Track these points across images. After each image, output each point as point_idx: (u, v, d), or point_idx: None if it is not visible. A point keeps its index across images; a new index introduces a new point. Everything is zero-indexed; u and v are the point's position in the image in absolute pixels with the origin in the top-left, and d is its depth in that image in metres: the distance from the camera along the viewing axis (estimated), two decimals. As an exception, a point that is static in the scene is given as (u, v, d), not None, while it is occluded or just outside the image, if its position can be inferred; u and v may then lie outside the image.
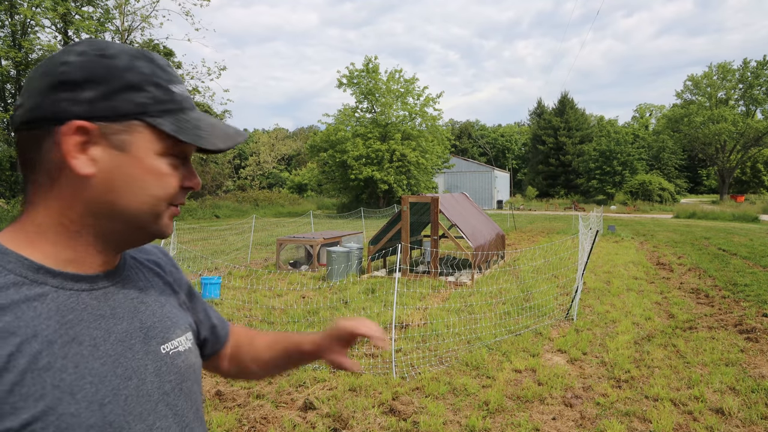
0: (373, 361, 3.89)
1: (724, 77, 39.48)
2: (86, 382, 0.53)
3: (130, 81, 0.56)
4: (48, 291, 0.54)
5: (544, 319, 5.04)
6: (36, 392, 0.49)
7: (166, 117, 0.58)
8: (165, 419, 0.61)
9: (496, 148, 62.57)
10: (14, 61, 17.29)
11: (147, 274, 0.69)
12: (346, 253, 7.39)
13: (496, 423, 2.90)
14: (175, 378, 0.64)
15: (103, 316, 0.58)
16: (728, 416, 2.96)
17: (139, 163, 0.57)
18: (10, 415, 0.47)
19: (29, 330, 0.50)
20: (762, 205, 26.97)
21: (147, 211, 0.58)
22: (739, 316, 5.17)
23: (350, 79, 25.67)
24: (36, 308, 0.52)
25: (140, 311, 0.63)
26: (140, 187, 0.57)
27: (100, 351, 0.56)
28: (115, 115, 0.56)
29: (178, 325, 0.68)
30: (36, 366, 0.50)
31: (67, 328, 0.53)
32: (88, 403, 0.52)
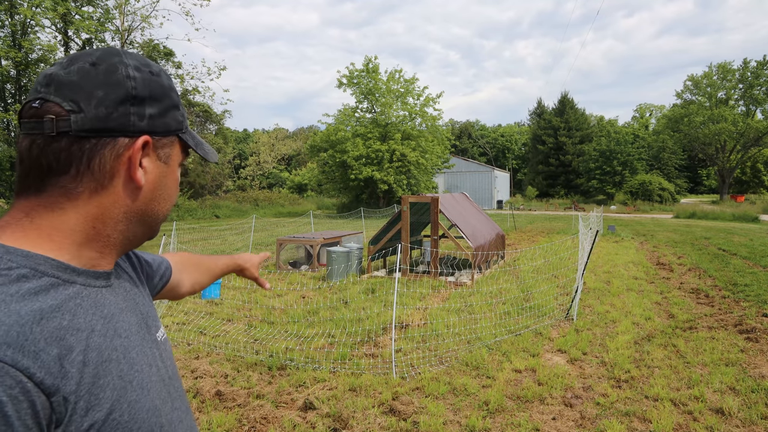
0: (373, 361, 3.89)
1: (724, 77, 39.48)
2: (135, 371, 0.57)
3: (175, 100, 0.63)
4: (80, 289, 0.55)
5: (544, 319, 5.04)
6: (109, 383, 0.52)
7: (188, 134, 0.65)
8: (176, 400, 0.66)
9: (496, 148, 62.57)
10: (14, 61, 17.29)
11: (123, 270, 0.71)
12: (346, 253, 7.39)
13: (496, 423, 2.90)
14: (170, 362, 0.69)
15: (123, 309, 0.61)
16: (728, 416, 2.96)
17: (173, 174, 0.64)
18: (96, 406, 0.50)
19: (88, 326, 0.53)
20: (762, 205, 26.97)
21: (165, 216, 0.65)
22: (739, 316, 5.17)
23: (350, 79, 25.67)
24: (81, 305, 0.54)
25: (138, 303, 0.67)
26: (170, 195, 0.64)
27: (132, 342, 0.60)
28: (167, 131, 0.61)
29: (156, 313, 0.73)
30: (102, 358, 0.53)
31: (108, 322, 0.56)
32: (141, 389, 0.57)
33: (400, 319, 4.99)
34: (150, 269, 0.83)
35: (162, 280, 0.87)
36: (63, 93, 0.53)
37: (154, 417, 0.57)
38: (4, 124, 18.28)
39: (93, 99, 0.54)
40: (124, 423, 0.52)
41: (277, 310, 5.46)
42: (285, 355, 3.96)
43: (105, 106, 0.54)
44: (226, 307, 5.58)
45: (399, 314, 5.11)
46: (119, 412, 0.52)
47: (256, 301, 5.87)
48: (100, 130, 0.54)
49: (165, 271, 0.88)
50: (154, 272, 0.84)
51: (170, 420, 0.62)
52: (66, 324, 0.50)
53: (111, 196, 0.57)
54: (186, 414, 0.68)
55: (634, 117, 62.33)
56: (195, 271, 1.02)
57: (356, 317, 5.08)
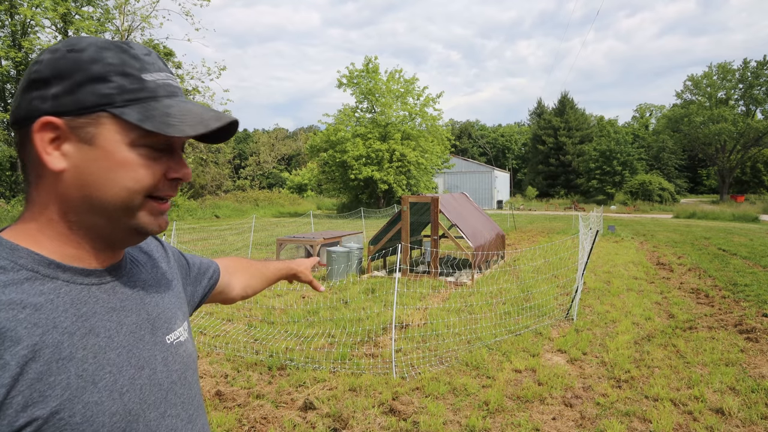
0: (373, 361, 3.89)
1: (724, 77, 39.47)
2: (106, 372, 0.55)
3: (94, 72, 0.55)
4: (60, 285, 0.55)
5: (544, 319, 5.04)
6: (62, 381, 0.51)
7: (132, 106, 0.56)
8: (174, 407, 0.63)
9: (496, 148, 62.56)
10: (14, 61, 17.30)
11: (145, 267, 0.70)
12: (346, 253, 7.39)
13: (496, 423, 2.90)
14: (180, 368, 0.66)
15: (114, 308, 0.60)
16: (728, 416, 2.96)
17: (109, 156, 0.55)
18: (39, 402, 0.49)
19: (49, 322, 0.52)
20: (762, 205, 26.97)
21: (121, 205, 0.57)
22: (739, 316, 5.17)
23: (350, 79, 25.67)
24: (53, 301, 0.53)
25: (146, 303, 0.65)
26: (111, 179, 0.56)
27: (115, 342, 0.57)
28: (80, 108, 0.55)
29: (177, 316, 0.70)
30: (59, 356, 0.51)
31: (83, 321, 0.55)
32: (109, 391, 0.54)
33: (400, 319, 4.99)
34: (198, 271, 0.84)
35: (210, 282, 0.88)
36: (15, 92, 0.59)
37: (124, 422, 0.54)
38: (4, 124, 18.28)
39: (15, 94, 0.57)
40: (74, 424, 0.50)
41: (277, 310, 5.46)
42: (285, 355, 3.96)
43: (16, 98, 0.56)
44: (226, 307, 5.58)
45: (399, 314, 5.11)
46: (69, 412, 0.50)
47: (256, 301, 5.87)
48: (15, 122, 0.56)
49: (213, 273, 0.89)
50: (201, 274, 0.85)
51: (156, 427, 0.59)
52: (22, 317, 0.50)
53: (46, 185, 0.56)
54: (187, 424, 0.65)
55: (634, 117, 62.30)
56: (246, 275, 1.01)
57: (356, 317, 5.08)
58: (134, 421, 0.56)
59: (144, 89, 0.57)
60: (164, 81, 0.59)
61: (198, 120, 0.57)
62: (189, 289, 0.82)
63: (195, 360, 0.72)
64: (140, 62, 0.58)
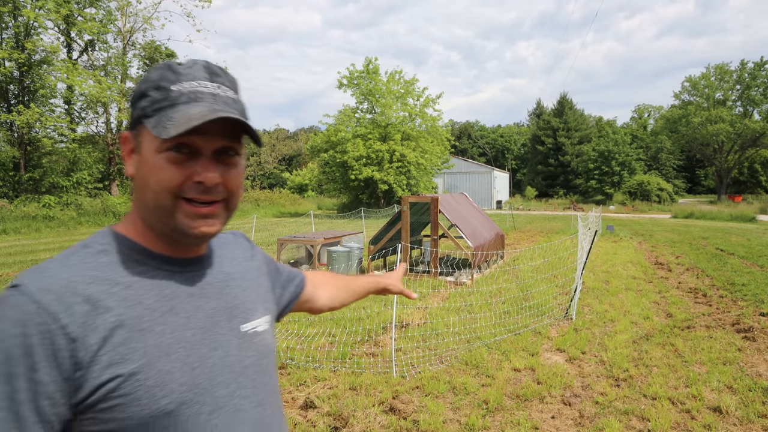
0: (374, 360, 3.91)
1: (722, 78, 39.56)
2: (180, 346, 0.63)
3: (139, 90, 0.65)
4: (149, 269, 0.65)
5: (543, 319, 5.06)
6: (141, 348, 0.59)
7: (155, 116, 0.61)
8: (245, 389, 0.69)
9: (496, 148, 62.60)
10: (17, 62, 17.29)
11: (231, 262, 0.78)
12: (346, 253, 7.42)
13: (495, 421, 2.92)
14: (254, 354, 0.72)
15: (194, 294, 0.67)
16: (726, 414, 2.98)
17: (145, 161, 0.63)
18: (121, 363, 0.58)
19: (136, 298, 0.62)
20: (759, 205, 27.04)
21: (155, 206, 0.63)
22: (736, 315, 5.20)
23: (350, 80, 25.68)
24: (140, 281, 0.63)
25: (225, 293, 0.72)
26: (147, 183, 0.63)
27: (192, 323, 0.65)
28: (133, 123, 0.65)
29: (257, 308, 0.77)
30: (140, 327, 0.60)
31: (165, 300, 0.64)
32: (181, 364, 0.62)
33: (400, 318, 5.01)
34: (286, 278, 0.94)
35: (296, 289, 0.96)
36: None
37: (191, 393, 0.62)
38: (7, 125, 18.26)
39: None
40: (148, 386, 0.58)
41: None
42: (285, 353, 3.98)
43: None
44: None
45: (399, 313, 5.13)
46: (144, 375, 0.58)
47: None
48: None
49: (299, 282, 0.97)
50: (289, 281, 0.95)
51: (223, 404, 0.65)
52: (114, 291, 0.60)
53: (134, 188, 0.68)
54: (256, 407, 0.69)
55: (633, 118, 62.40)
56: (331, 288, 1.07)
57: (356, 316, 5.10)
58: (201, 393, 0.63)
59: (167, 99, 0.62)
60: (191, 89, 0.62)
61: (184, 120, 0.59)
62: (278, 291, 0.90)
63: (272, 351, 0.78)
64: (177, 75, 0.63)
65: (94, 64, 20.72)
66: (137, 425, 0.58)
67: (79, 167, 19.20)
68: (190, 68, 0.64)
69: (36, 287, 0.56)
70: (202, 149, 0.63)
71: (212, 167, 0.63)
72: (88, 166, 19.56)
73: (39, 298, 0.55)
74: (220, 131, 0.63)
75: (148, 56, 21.96)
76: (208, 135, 0.62)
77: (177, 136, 0.59)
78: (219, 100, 0.63)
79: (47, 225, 15.58)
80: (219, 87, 0.65)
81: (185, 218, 0.63)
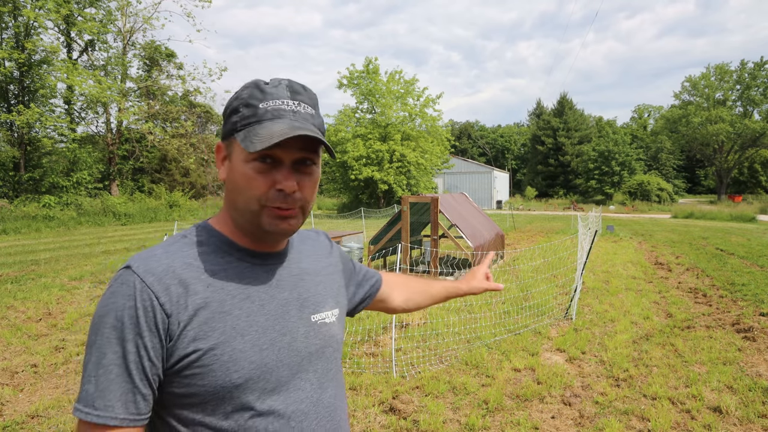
0: (374, 360, 3.91)
1: (722, 78, 39.57)
2: (253, 329, 0.72)
3: (232, 106, 0.74)
4: (233, 260, 0.75)
5: (543, 319, 5.06)
6: (220, 327, 0.69)
7: (244, 130, 0.72)
8: (307, 373, 0.77)
9: (496, 148, 62.61)
10: (17, 62, 17.29)
11: (309, 258, 0.86)
12: (346, 253, 7.41)
13: (495, 421, 2.93)
14: (320, 342, 0.80)
15: (270, 285, 0.77)
16: (726, 414, 2.98)
17: (236, 170, 0.73)
18: (203, 339, 0.68)
19: (220, 284, 0.71)
20: (759, 205, 27.05)
21: (245, 208, 0.73)
22: (736, 315, 5.20)
23: (350, 80, 25.68)
24: (225, 270, 0.73)
25: (299, 285, 0.81)
26: (238, 188, 0.73)
27: (266, 310, 0.74)
28: (226, 134, 0.75)
29: (327, 301, 0.85)
30: (221, 309, 0.70)
31: (244, 288, 0.74)
32: (252, 345, 0.71)
33: (400, 318, 5.01)
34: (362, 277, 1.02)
35: (372, 289, 1.04)
36: None
37: (258, 371, 0.70)
38: (7, 125, 18.26)
39: None
40: (223, 361, 0.68)
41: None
42: (286, 354, 3.97)
43: None
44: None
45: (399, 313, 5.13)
46: (221, 350, 0.68)
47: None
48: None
49: (375, 282, 1.05)
50: (366, 281, 1.03)
51: (285, 384, 0.73)
52: (203, 277, 0.70)
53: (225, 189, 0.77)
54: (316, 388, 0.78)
55: (633, 118, 62.42)
56: (407, 291, 1.13)
57: (356, 316, 5.11)
58: (268, 372, 0.72)
59: (254, 115, 0.72)
60: (275, 107, 0.72)
61: (267, 137, 0.69)
62: (351, 289, 0.99)
63: (338, 341, 0.85)
64: (264, 94, 0.73)
65: (94, 64, 20.72)
66: (211, 392, 0.67)
67: (79, 167, 19.21)
68: (275, 87, 0.74)
69: (143, 269, 0.67)
70: (284, 160, 0.72)
71: (291, 176, 0.72)
72: (88, 166, 19.57)
73: (144, 278, 0.67)
74: (299, 144, 0.72)
75: (148, 56, 21.96)
76: (288, 148, 0.71)
77: (261, 150, 0.69)
78: (299, 117, 0.73)
79: (47, 225, 15.58)
80: (299, 104, 0.74)
81: (268, 219, 0.73)
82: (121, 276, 0.68)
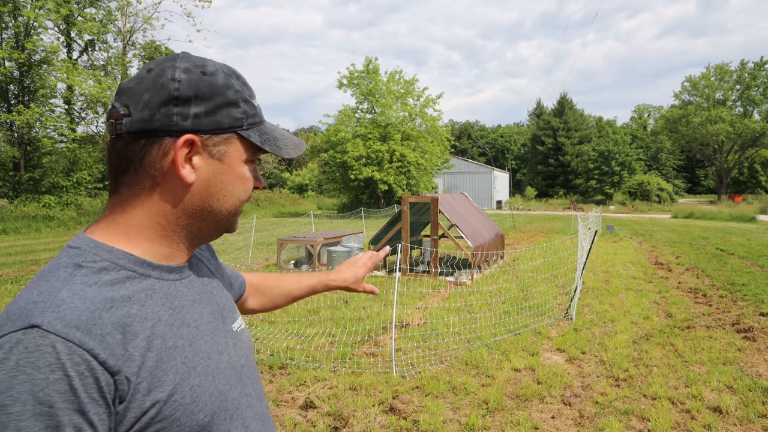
0: (374, 360, 3.91)
1: (722, 78, 39.57)
2: (200, 358, 0.62)
3: (230, 98, 0.63)
4: (154, 282, 0.61)
5: (543, 319, 5.06)
6: (173, 367, 0.58)
7: (253, 129, 0.65)
8: (246, 387, 0.70)
9: (496, 148, 62.62)
10: (17, 62, 17.28)
11: (205, 262, 0.77)
12: (346, 253, 7.41)
13: (495, 421, 2.92)
14: (245, 352, 0.73)
15: (195, 301, 0.67)
16: (726, 414, 2.98)
17: (232, 171, 0.64)
18: (159, 386, 0.55)
19: (154, 315, 0.59)
20: (759, 205, 27.04)
21: (232, 212, 0.66)
22: (736, 315, 5.20)
23: (350, 80, 25.69)
24: (152, 297, 0.60)
25: (214, 295, 0.72)
26: (231, 191, 0.64)
27: (201, 331, 0.65)
28: (217, 128, 0.62)
29: (233, 306, 0.77)
30: (166, 345, 0.58)
31: (177, 313, 0.62)
32: (205, 375, 0.61)
33: (400, 318, 5.01)
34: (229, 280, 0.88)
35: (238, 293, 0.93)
36: (121, 98, 0.60)
37: (218, 401, 0.62)
38: (7, 125, 18.26)
39: (140, 103, 0.58)
40: (185, 405, 0.57)
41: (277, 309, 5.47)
42: (286, 354, 3.98)
43: (149, 108, 0.58)
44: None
45: (399, 313, 5.13)
46: (181, 394, 0.57)
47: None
48: (146, 131, 0.58)
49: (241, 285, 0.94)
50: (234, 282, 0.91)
51: (238, 404, 0.66)
52: (134, 312, 0.56)
53: (166, 193, 0.61)
54: (258, 400, 0.72)
55: (633, 118, 62.41)
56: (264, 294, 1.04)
57: (356, 316, 5.10)
58: (224, 399, 0.63)
59: (257, 114, 0.66)
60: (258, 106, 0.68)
61: (294, 144, 0.68)
62: None
63: (252, 346, 0.79)
64: (249, 89, 0.66)
65: (94, 64, 20.72)
66: None
67: (79, 167, 19.20)
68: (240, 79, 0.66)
69: (61, 324, 0.50)
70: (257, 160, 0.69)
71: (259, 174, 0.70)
72: (88, 166, 19.55)
73: (68, 336, 0.49)
74: None
75: (148, 56, 21.95)
76: None
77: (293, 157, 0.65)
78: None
79: (47, 225, 15.58)
80: None
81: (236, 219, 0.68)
82: (32, 342, 0.48)
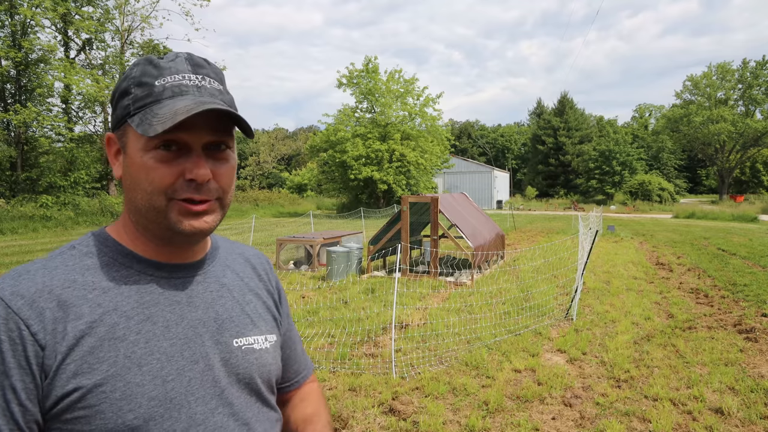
0: (373, 361, 3.89)
1: (724, 77, 39.51)
2: (154, 358, 0.59)
3: (121, 88, 0.62)
4: (132, 274, 0.62)
5: (543, 319, 5.04)
6: (110, 358, 0.56)
7: (138, 113, 0.59)
8: (230, 407, 0.64)
9: (496, 148, 62.60)
10: (14, 61, 17.27)
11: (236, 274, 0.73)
12: (345, 253, 7.39)
13: (495, 423, 2.90)
14: (244, 372, 0.67)
15: (179, 302, 0.64)
16: (727, 416, 2.96)
17: (133, 162, 0.60)
18: (87, 373, 0.55)
19: (111, 304, 0.59)
20: (761, 205, 26.99)
21: (149, 206, 0.60)
22: (738, 315, 5.18)
23: (350, 79, 25.67)
24: (120, 286, 0.61)
25: (218, 304, 0.68)
26: (137, 183, 0.60)
27: (171, 333, 0.61)
28: (117, 123, 0.62)
29: (257, 325, 0.71)
30: (113, 335, 0.57)
31: (143, 308, 0.61)
32: (152, 377, 0.58)
33: (400, 319, 4.99)
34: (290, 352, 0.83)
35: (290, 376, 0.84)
36: None
37: (162, 408, 0.57)
38: (4, 124, 18.24)
39: None
40: (114, 399, 0.55)
41: None
42: (284, 355, 3.95)
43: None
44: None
45: (399, 314, 5.11)
46: (111, 387, 0.55)
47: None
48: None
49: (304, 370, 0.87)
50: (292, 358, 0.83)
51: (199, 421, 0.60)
52: (90, 297, 0.58)
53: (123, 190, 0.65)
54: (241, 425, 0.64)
55: (634, 117, 62.32)
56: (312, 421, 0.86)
57: (356, 317, 5.08)
58: (175, 409, 0.59)
59: (151, 95, 0.60)
60: (174, 83, 0.60)
61: (170, 116, 0.56)
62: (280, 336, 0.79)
63: (270, 371, 0.70)
64: (159, 70, 0.61)
65: (92, 62, 20.70)
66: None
67: (76, 167, 19.18)
68: (172, 61, 0.61)
69: (9, 291, 0.55)
70: (191, 145, 0.59)
71: (203, 163, 0.60)
72: (85, 165, 19.54)
73: (10, 302, 0.54)
74: (209, 125, 0.60)
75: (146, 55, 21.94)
76: (195, 130, 0.59)
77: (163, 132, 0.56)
78: (204, 93, 0.61)
79: (44, 225, 15.57)
80: (203, 79, 0.62)
81: (177, 216, 0.60)
82: None
